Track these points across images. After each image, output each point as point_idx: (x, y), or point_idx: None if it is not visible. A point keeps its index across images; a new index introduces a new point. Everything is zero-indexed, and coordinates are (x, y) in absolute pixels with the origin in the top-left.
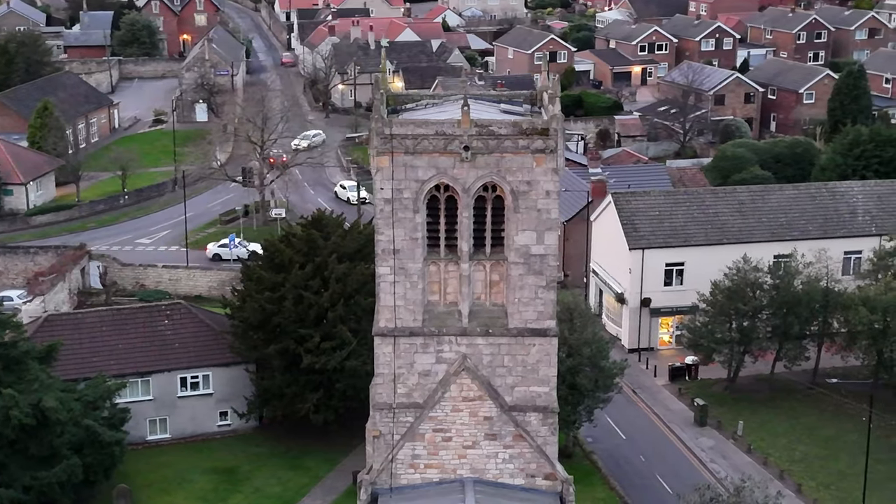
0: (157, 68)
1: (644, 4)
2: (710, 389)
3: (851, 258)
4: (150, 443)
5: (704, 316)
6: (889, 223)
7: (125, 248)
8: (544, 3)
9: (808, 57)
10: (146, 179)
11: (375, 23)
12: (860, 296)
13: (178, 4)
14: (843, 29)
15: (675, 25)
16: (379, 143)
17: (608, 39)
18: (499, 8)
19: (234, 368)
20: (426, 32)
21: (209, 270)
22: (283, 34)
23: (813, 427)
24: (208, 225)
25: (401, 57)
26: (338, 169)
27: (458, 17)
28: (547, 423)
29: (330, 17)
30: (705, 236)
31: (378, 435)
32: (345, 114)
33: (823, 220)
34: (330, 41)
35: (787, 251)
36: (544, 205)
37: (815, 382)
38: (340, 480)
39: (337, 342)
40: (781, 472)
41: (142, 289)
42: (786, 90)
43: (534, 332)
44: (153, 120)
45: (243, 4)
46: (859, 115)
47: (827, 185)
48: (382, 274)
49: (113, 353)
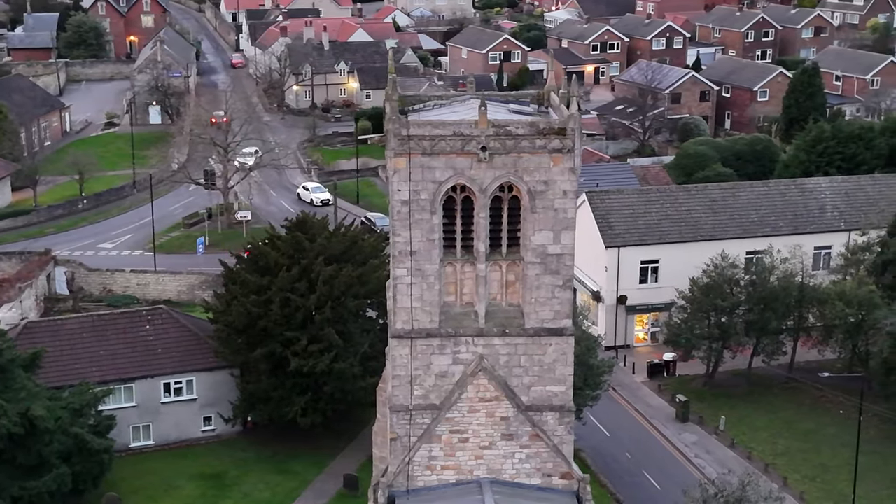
0: (106, 70)
1: (592, 4)
2: (689, 385)
3: (822, 253)
4: (133, 450)
5: (683, 312)
6: (857, 218)
7: (87, 252)
8: (491, 3)
9: (755, 55)
10: (104, 183)
11: (326, 23)
12: (836, 290)
13: (124, 6)
14: (790, 27)
15: (627, 25)
16: (396, 144)
17: (560, 39)
18: (447, 8)
19: (218, 373)
20: (378, 33)
21: (178, 274)
22: (231, 35)
23: (792, 421)
24: (171, 228)
25: (355, 57)
26: (298, 171)
27: (407, 17)
28: (563, 423)
29: (281, 18)
30: (679, 234)
31: (395, 437)
32: (301, 115)
33: (793, 217)
34: (283, 42)
35: (760, 247)
36: (561, 204)
37: (790, 376)
38: (330, 483)
39: (324, 345)
40: (766, 466)
41: (109, 294)
42: (740, 88)
43: (550, 332)
44: (105, 123)
45: (186, 5)
46: (814, 112)
47: (796, 181)
48: (399, 276)
49: (95, 359)
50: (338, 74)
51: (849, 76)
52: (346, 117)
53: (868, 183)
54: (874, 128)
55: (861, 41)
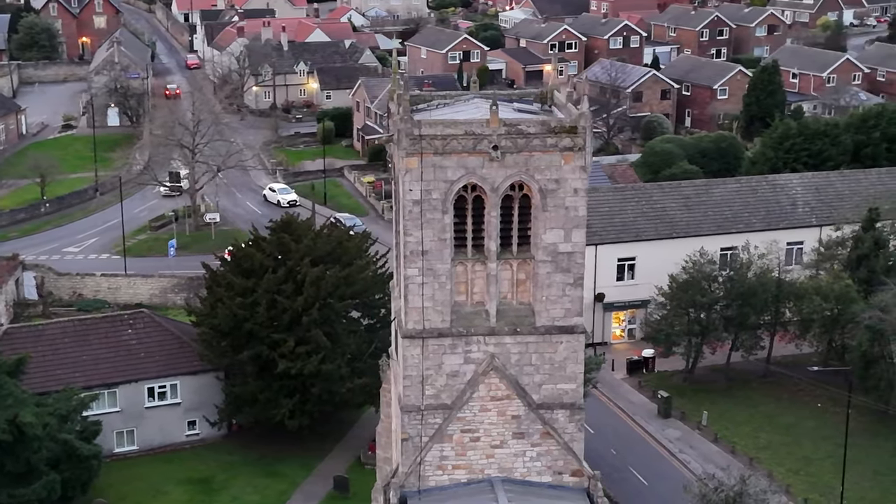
0: (59, 72)
1: (547, 3)
2: (669, 381)
3: (794, 248)
4: (117, 455)
5: (662, 309)
6: (828, 214)
7: (53, 257)
8: (445, 2)
9: (710, 53)
10: (65, 186)
11: (283, 23)
12: (812, 285)
13: (76, 7)
14: (744, 26)
15: (584, 24)
16: (408, 144)
17: (518, 38)
18: (402, 8)
19: (203, 376)
20: (336, 33)
21: (150, 278)
22: (185, 36)
23: (772, 414)
24: (138, 231)
25: (315, 58)
26: (262, 172)
27: (362, 17)
28: (574, 420)
29: (236, 18)
30: (655, 231)
31: (407, 438)
32: (261, 116)
33: (766, 213)
34: (240, 42)
35: (734, 244)
36: (572, 202)
37: (779, 371)
38: (319, 485)
39: (312, 346)
40: (751, 460)
41: (80, 299)
42: (700, 86)
43: (561, 330)
44: (62, 125)
45: (136, 6)
46: (775, 109)
47: (767, 178)
48: (411, 275)
49: (77, 364)
50: (297, 75)
51: (805, 74)
52: (307, 118)
53: (837, 179)
54: (839, 124)
55: (813, 39)
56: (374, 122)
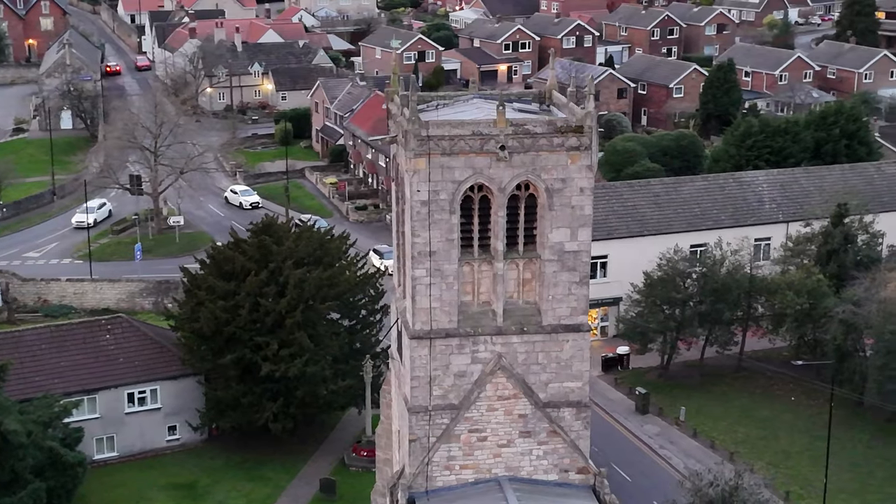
0: (6, 75)
1: (499, 3)
2: (645, 378)
3: (762, 245)
4: (98, 462)
5: (637, 306)
6: (794, 210)
7: (13, 262)
8: (395, 2)
9: (662, 52)
10: (21, 191)
11: (235, 24)
12: (785, 280)
13: (22, 8)
14: (694, 25)
15: (537, 24)
16: (416, 145)
17: (472, 38)
18: (352, 8)
19: (183, 381)
20: (289, 33)
21: (117, 282)
22: (132, 37)
23: (747, 409)
24: (100, 235)
25: (269, 58)
26: (222, 174)
27: (312, 17)
28: (580, 418)
29: (187, 19)
30: (627, 229)
31: (415, 439)
32: (215, 118)
33: (734, 210)
34: (193, 43)
35: (704, 240)
36: (578, 201)
37: (769, 367)
38: (304, 488)
39: (295, 349)
40: (731, 455)
41: (45, 304)
42: (656, 85)
43: (568, 328)
44: (13, 129)
45: (80, 7)
46: (731, 107)
47: (734, 175)
48: (418, 276)
49: (56, 371)
50: (252, 76)
51: (758, 72)
52: (263, 119)
53: (802, 175)
54: (799, 122)
55: (762, 37)
56: (333, 123)
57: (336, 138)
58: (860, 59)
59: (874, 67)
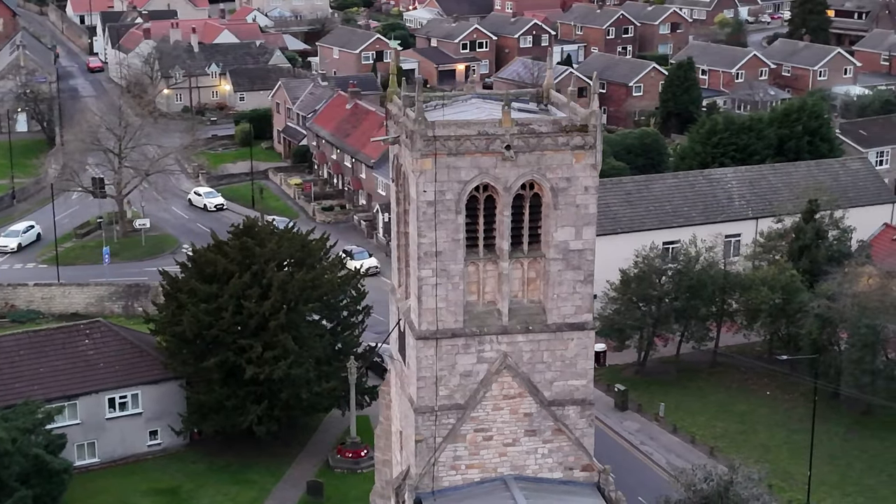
0: None
1: (453, 3)
2: (622, 374)
3: (732, 241)
4: (79, 468)
5: (614, 303)
6: (762, 206)
7: None
8: (348, 2)
9: (617, 51)
10: None
11: (191, 25)
12: (759, 276)
13: None
14: (648, 24)
15: (493, 23)
16: (422, 145)
17: (429, 38)
18: (305, 8)
19: (164, 385)
20: (244, 34)
21: (86, 287)
22: (82, 38)
23: (724, 404)
24: (63, 239)
25: (227, 59)
26: (183, 176)
27: (266, 17)
28: (585, 416)
29: (140, 20)
30: (600, 226)
31: (422, 439)
32: (173, 119)
33: (704, 207)
34: (148, 44)
35: (676, 237)
36: (583, 200)
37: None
38: (290, 491)
39: (279, 351)
40: (711, 449)
41: (12, 310)
42: (615, 83)
43: (572, 327)
44: None
45: (27, 8)
46: (691, 105)
47: (703, 172)
48: (424, 277)
49: (36, 377)
50: (209, 77)
51: (715, 70)
52: (221, 120)
53: (769, 172)
54: (763, 119)
55: (714, 36)
56: (296, 124)
57: (299, 139)
58: (815, 56)
59: (829, 65)
